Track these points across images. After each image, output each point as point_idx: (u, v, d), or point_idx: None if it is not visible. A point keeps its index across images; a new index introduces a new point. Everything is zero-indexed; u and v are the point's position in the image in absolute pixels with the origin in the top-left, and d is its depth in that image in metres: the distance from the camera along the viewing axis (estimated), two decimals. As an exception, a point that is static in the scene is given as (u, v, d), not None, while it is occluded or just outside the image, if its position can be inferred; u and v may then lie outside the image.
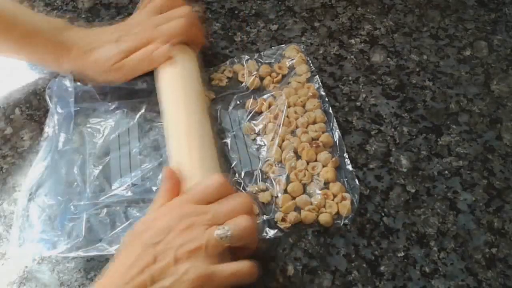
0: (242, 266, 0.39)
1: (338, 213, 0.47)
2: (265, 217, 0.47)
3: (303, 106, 0.54)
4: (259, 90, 0.56)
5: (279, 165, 0.50)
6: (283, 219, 0.47)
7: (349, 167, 0.50)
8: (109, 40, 0.52)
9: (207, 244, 0.38)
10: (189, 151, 0.46)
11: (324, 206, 0.48)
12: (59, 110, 0.54)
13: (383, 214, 0.48)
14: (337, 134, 0.52)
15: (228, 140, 0.52)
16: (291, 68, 0.58)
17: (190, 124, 0.48)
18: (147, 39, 0.52)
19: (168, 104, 0.50)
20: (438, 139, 0.53)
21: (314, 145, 0.51)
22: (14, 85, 0.58)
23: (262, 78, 0.57)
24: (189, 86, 0.51)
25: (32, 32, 0.51)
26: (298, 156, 0.51)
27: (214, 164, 0.46)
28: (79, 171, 0.50)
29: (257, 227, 0.43)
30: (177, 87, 0.51)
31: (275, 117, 0.53)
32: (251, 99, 0.55)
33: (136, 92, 0.56)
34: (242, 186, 0.49)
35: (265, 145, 0.52)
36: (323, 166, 0.50)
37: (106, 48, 0.52)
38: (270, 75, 0.57)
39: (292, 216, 0.47)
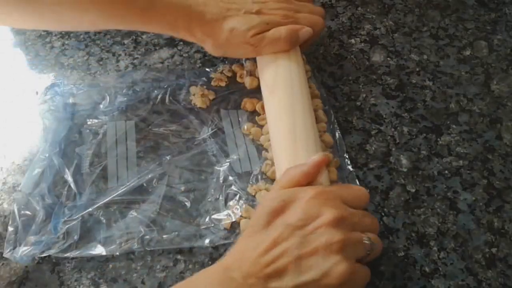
0: (368, 271, 0.39)
1: (338, 213, 0.47)
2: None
3: (303, 106, 0.54)
4: (258, 90, 0.57)
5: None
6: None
7: (349, 167, 0.50)
8: (248, 10, 0.50)
9: (355, 245, 0.38)
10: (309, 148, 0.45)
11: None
12: (55, 112, 0.54)
13: (383, 213, 0.48)
14: (337, 134, 0.52)
15: (228, 140, 0.52)
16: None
17: (314, 126, 0.47)
18: (292, 20, 0.51)
19: (294, 95, 0.48)
20: (438, 139, 0.53)
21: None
22: (14, 85, 0.58)
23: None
24: (306, 83, 0.50)
25: None
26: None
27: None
28: (76, 172, 0.50)
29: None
30: (300, 80, 0.49)
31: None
32: (246, 98, 0.55)
33: (135, 92, 0.56)
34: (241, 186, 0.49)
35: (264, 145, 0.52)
36: (324, 166, 0.50)
37: (246, 17, 0.49)
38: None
39: None
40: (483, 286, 0.44)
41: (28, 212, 0.47)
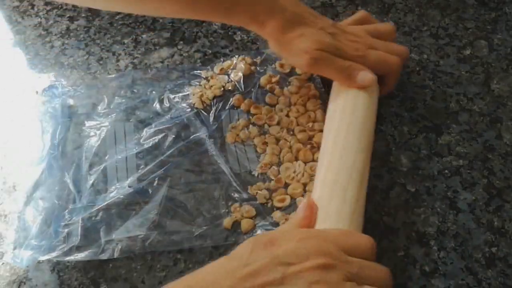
0: None
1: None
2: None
3: (304, 105, 0.54)
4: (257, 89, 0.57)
5: (279, 165, 0.51)
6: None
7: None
8: (325, 27, 0.50)
9: None
10: (344, 196, 0.42)
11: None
12: (54, 114, 0.54)
13: (383, 213, 0.48)
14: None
15: (227, 140, 0.52)
16: (292, 67, 0.58)
17: (358, 168, 0.44)
18: (361, 54, 0.50)
19: (343, 130, 0.47)
20: (438, 138, 0.53)
21: (309, 146, 0.51)
22: (14, 84, 0.58)
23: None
24: (369, 123, 0.49)
25: None
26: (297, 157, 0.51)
27: (357, 219, 0.42)
28: (75, 174, 0.50)
29: None
30: (360, 119, 0.48)
31: (271, 118, 0.54)
32: (237, 95, 0.55)
33: (134, 93, 0.56)
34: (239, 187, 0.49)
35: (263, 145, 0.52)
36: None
37: (318, 31, 0.49)
38: (268, 75, 0.57)
39: None
40: (483, 286, 0.44)
41: (28, 216, 0.47)
